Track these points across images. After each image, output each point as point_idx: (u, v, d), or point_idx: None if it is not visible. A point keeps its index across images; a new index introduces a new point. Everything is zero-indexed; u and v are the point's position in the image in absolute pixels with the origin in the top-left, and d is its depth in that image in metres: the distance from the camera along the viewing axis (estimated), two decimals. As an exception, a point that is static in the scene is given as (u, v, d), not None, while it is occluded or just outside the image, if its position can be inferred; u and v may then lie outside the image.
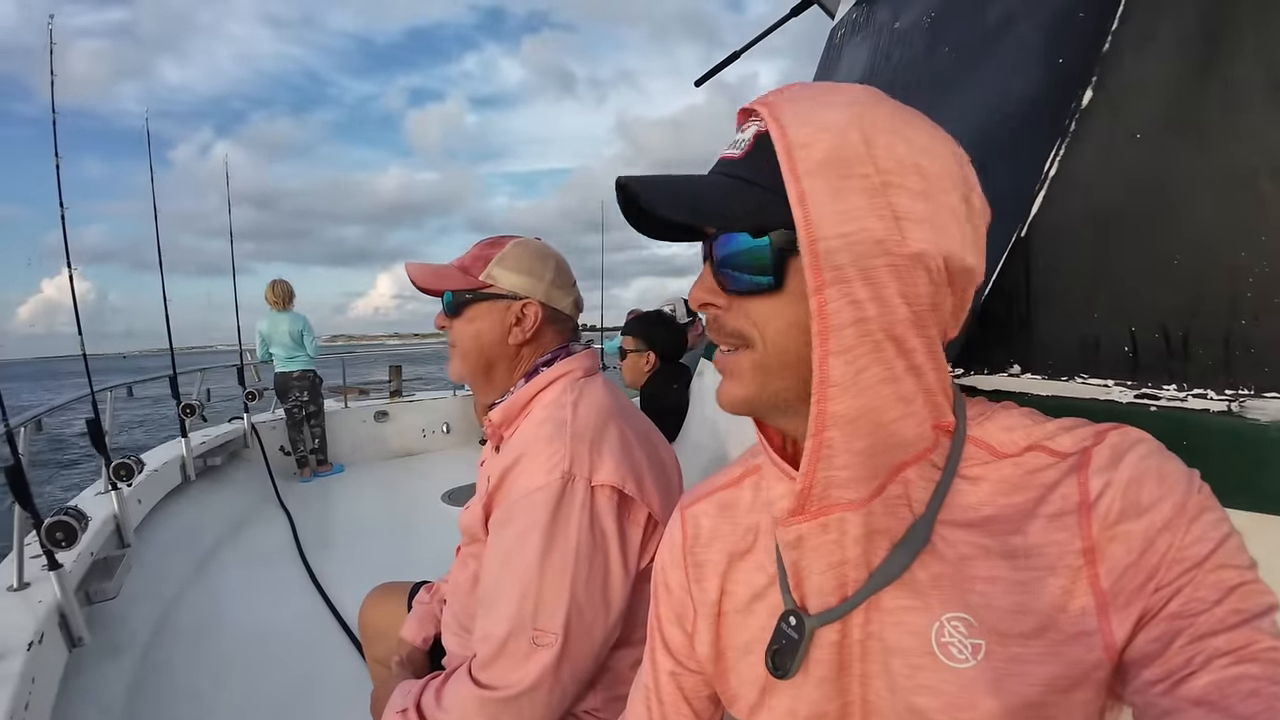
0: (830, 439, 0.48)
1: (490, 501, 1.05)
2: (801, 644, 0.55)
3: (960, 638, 0.49)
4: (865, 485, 0.50)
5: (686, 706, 0.71)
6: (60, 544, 1.90)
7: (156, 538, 2.99)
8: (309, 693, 2.11)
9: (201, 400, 4.06)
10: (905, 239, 0.46)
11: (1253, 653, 0.39)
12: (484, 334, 1.14)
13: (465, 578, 1.14)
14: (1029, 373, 0.68)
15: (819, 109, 0.48)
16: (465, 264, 1.15)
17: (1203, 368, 0.59)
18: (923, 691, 0.50)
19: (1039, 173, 0.69)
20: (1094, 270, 0.65)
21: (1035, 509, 0.48)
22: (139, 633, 2.39)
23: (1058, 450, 0.49)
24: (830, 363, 0.47)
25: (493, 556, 1.01)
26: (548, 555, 0.94)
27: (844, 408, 0.47)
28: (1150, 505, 0.44)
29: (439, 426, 5.81)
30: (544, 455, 0.98)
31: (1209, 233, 0.60)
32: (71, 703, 1.79)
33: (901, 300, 0.47)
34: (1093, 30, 0.68)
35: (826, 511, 0.51)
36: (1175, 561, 0.43)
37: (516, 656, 0.94)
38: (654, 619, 0.73)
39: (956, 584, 0.50)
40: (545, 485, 0.95)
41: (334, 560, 3.21)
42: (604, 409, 1.08)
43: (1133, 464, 0.46)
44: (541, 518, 0.94)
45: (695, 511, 0.70)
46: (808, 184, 0.46)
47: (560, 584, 0.94)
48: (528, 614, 0.94)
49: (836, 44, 1.53)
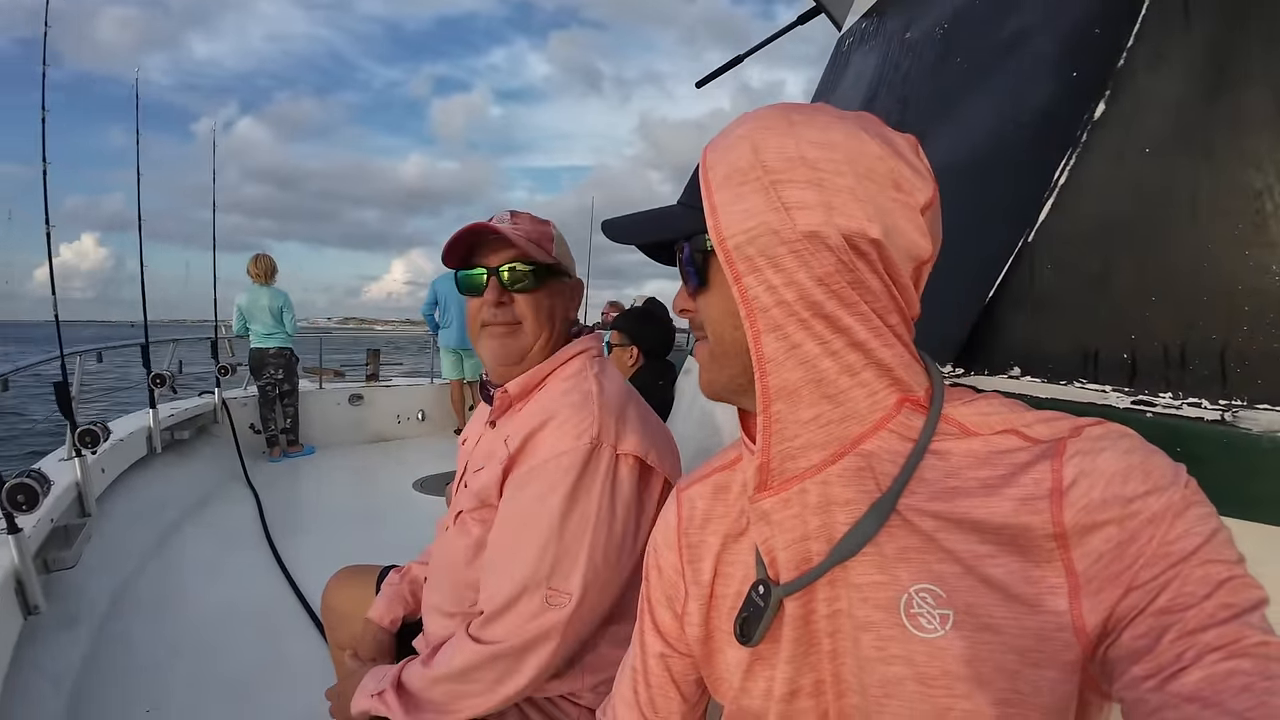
0: (777, 412, 0.53)
1: (511, 463, 1.04)
2: (767, 612, 0.57)
3: (929, 608, 0.50)
4: (817, 453, 0.53)
5: (674, 689, 0.71)
6: (21, 507, 1.85)
7: (118, 509, 2.92)
8: (267, 674, 2.07)
9: (173, 371, 3.97)
10: (795, 224, 0.51)
11: (1243, 648, 0.39)
12: (557, 310, 1.14)
13: (465, 544, 1.11)
14: (1029, 375, 0.69)
15: (725, 135, 0.56)
16: (535, 238, 1.12)
17: (1198, 378, 0.61)
18: (894, 662, 0.51)
19: (1049, 181, 0.70)
20: (1097, 278, 0.66)
21: (1003, 487, 0.49)
22: (96, 604, 2.33)
23: (1032, 436, 0.50)
24: (763, 340, 0.52)
25: (509, 516, 1.02)
26: (569, 516, 0.95)
27: (783, 381, 0.52)
28: (1135, 497, 0.45)
29: (414, 413, 5.75)
30: (573, 421, 1.00)
31: (1210, 248, 0.62)
32: (24, 671, 1.74)
33: (814, 281, 0.51)
34: (1108, 46, 0.70)
35: (787, 485, 0.54)
36: (1162, 556, 0.43)
37: (525, 614, 0.95)
38: (644, 601, 0.74)
39: (924, 556, 0.51)
40: (572, 449, 0.97)
41: (300, 543, 3.15)
42: (622, 385, 1.12)
43: (1117, 456, 0.47)
44: (567, 480, 0.96)
45: (691, 494, 0.70)
46: (717, 197, 0.54)
47: (579, 545, 0.95)
48: (544, 572, 0.94)
49: (844, 53, 1.55)
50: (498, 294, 1.09)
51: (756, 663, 0.60)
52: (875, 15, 1.41)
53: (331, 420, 5.38)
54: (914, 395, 0.53)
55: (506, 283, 1.10)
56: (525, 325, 1.11)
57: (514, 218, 1.14)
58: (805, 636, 0.56)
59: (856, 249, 0.51)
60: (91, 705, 1.86)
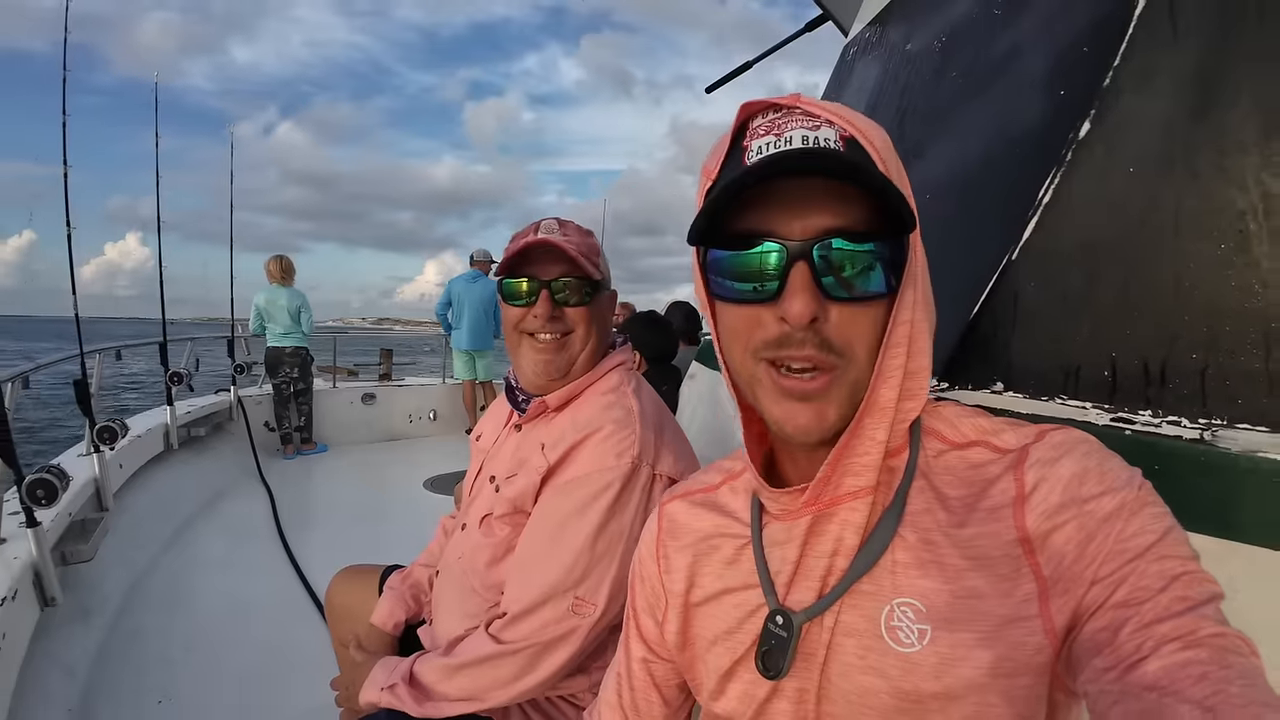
0: (865, 425, 0.52)
1: (550, 473, 1.04)
2: (791, 641, 0.56)
3: (908, 622, 0.51)
4: (872, 474, 0.53)
5: (655, 693, 0.72)
6: (41, 501, 1.90)
7: (135, 503, 2.97)
8: (278, 668, 2.11)
9: (190, 370, 4.04)
10: (917, 223, 0.50)
11: (1199, 638, 0.40)
12: (605, 322, 1.15)
13: (490, 545, 1.10)
14: (1011, 391, 0.70)
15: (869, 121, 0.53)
16: (585, 251, 1.09)
17: (1178, 396, 0.62)
18: (870, 673, 0.52)
19: (1033, 199, 0.71)
20: (1079, 296, 0.67)
21: (977, 502, 0.50)
22: (111, 597, 2.38)
23: (1000, 446, 0.52)
24: (889, 354, 0.51)
25: (544, 523, 1.03)
26: (604, 529, 0.97)
27: (882, 396, 0.51)
28: (1091, 498, 0.46)
29: (426, 413, 5.80)
30: (616, 438, 1.01)
31: (1192, 267, 0.63)
32: (40, 661, 1.78)
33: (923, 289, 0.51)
34: (1095, 65, 0.71)
35: (838, 501, 0.54)
36: (1118, 553, 0.44)
37: (549, 618, 0.97)
38: (630, 608, 0.75)
39: (910, 570, 0.52)
40: (615, 466, 0.99)
41: (312, 539, 3.20)
42: (658, 402, 1.13)
43: (1075, 460, 0.48)
44: (607, 495, 0.98)
45: (671, 508, 0.72)
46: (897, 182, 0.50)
47: (610, 559, 0.97)
48: (573, 580, 0.97)
49: (848, 61, 1.55)
50: (549, 308, 1.07)
51: (737, 666, 0.61)
52: (879, 24, 1.42)
53: (344, 419, 5.44)
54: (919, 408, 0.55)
55: (559, 297, 1.08)
56: (574, 338, 1.10)
57: (563, 227, 1.11)
58: (802, 648, 0.57)
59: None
60: (105, 695, 1.91)
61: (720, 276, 0.53)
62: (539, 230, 1.09)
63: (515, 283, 1.10)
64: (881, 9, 1.42)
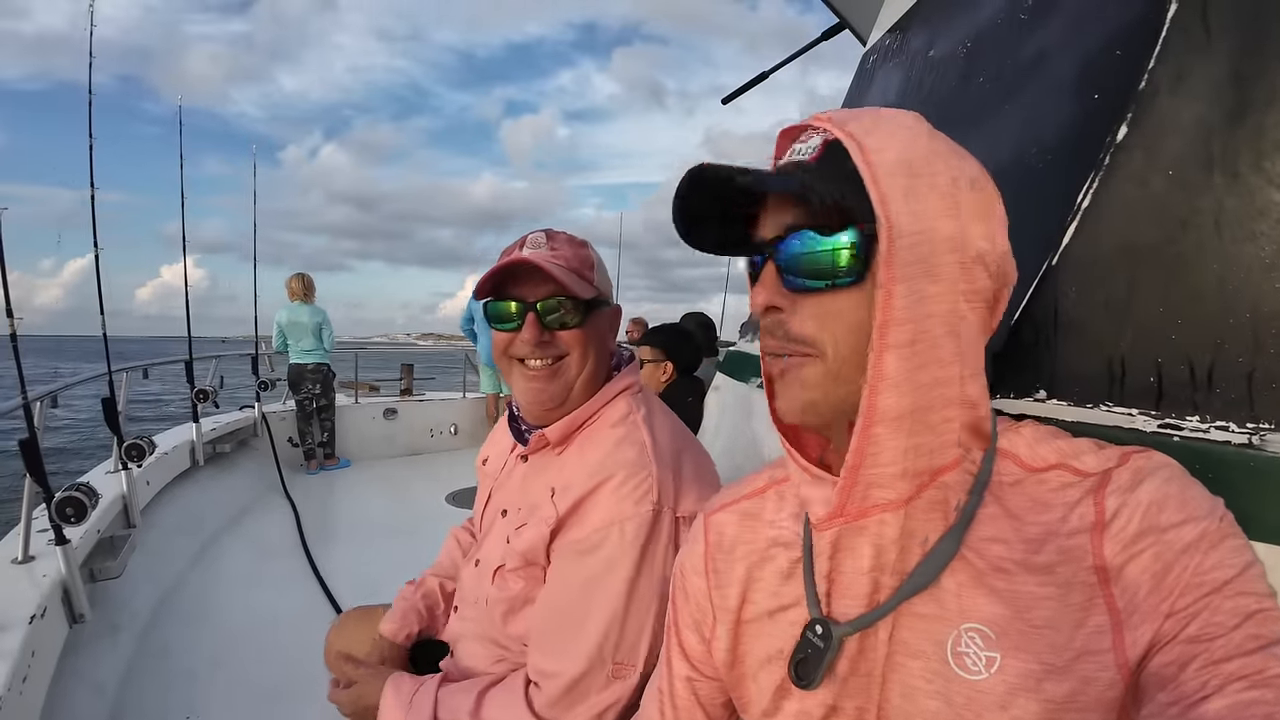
0: (876, 435, 0.49)
1: (561, 524, 0.96)
2: (828, 654, 0.55)
3: (976, 649, 0.50)
4: (906, 485, 0.51)
5: (700, 712, 0.71)
6: (70, 519, 1.93)
7: (162, 520, 3.01)
8: (304, 682, 2.11)
9: (215, 387, 4.10)
10: (969, 238, 0.49)
11: (1267, 678, 0.39)
12: (604, 343, 1.06)
13: (504, 599, 1.03)
14: (1055, 398, 0.69)
15: (882, 120, 0.51)
16: (576, 267, 1.01)
17: (1225, 401, 0.60)
18: (936, 698, 0.51)
19: (1071, 204, 0.70)
20: (1122, 301, 0.66)
21: (1057, 527, 0.49)
22: (139, 613, 2.40)
23: (1081, 470, 0.50)
24: (886, 357, 0.48)
25: (567, 584, 0.95)
26: (635, 587, 0.90)
27: (893, 403, 0.49)
28: (1170, 527, 0.45)
29: (447, 427, 5.83)
30: (631, 484, 0.93)
31: (1235, 270, 0.61)
32: (68, 678, 1.80)
33: (964, 299, 0.49)
34: (1129, 68, 0.70)
35: (865, 514, 0.51)
36: (1194, 586, 0.43)
37: (590, 693, 0.90)
38: (671, 624, 0.74)
39: (978, 595, 0.51)
40: (634, 516, 0.91)
41: (336, 553, 3.22)
42: (671, 427, 1.05)
43: (1155, 487, 0.47)
44: (632, 552, 0.90)
45: (719, 519, 0.70)
46: (885, 185, 0.48)
47: (645, 617, 0.91)
48: (610, 649, 0.90)
49: (868, 69, 1.55)
50: (537, 332, 0.99)
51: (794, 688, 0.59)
52: (899, 31, 1.42)
53: (367, 434, 5.49)
54: (984, 428, 0.53)
55: (546, 320, 0.99)
56: (569, 363, 1.01)
57: (550, 240, 1.03)
58: (857, 665, 0.56)
59: (1003, 272, 0.52)
60: (133, 711, 1.92)
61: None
62: (524, 246, 1.01)
63: (501, 305, 1.01)
64: (901, 16, 1.42)
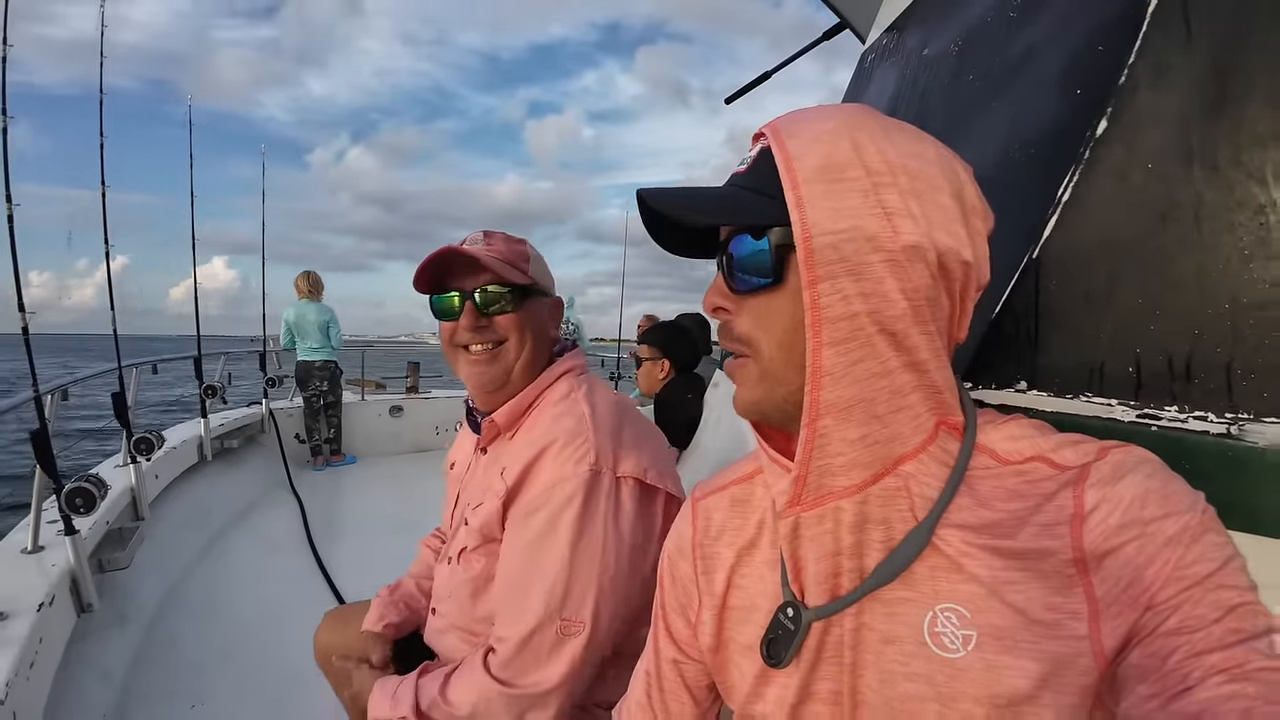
0: (824, 427, 0.51)
1: (510, 496, 1.03)
2: (797, 635, 0.57)
3: (952, 628, 0.51)
4: (859, 473, 0.52)
5: (686, 694, 0.72)
6: (79, 510, 1.96)
7: (170, 513, 3.04)
8: (308, 675, 2.13)
9: (223, 383, 4.15)
10: (898, 233, 0.49)
11: (1247, 671, 0.40)
12: (537, 329, 1.12)
13: (469, 579, 1.09)
14: (1035, 389, 0.70)
15: (812, 125, 0.52)
16: (510, 259, 1.09)
17: (1204, 391, 0.61)
18: (914, 679, 0.52)
19: (1053, 197, 0.71)
20: (1102, 293, 0.67)
21: (1030, 516, 0.50)
22: (146, 605, 2.44)
23: (1060, 463, 0.51)
24: (823, 353, 0.50)
25: (516, 550, 1.00)
26: (576, 545, 0.95)
27: (836, 396, 0.50)
28: (1152, 521, 0.46)
29: (452, 424, 5.86)
30: (570, 449, 0.99)
31: (1214, 262, 0.62)
32: (75, 666, 1.82)
33: (900, 294, 0.50)
34: (1110, 63, 0.70)
35: (821, 501, 0.53)
36: (1176, 579, 0.44)
37: (542, 651, 0.94)
38: (658, 607, 0.75)
39: (952, 577, 0.51)
40: (573, 477, 0.96)
41: (341, 549, 3.25)
42: (613, 401, 1.11)
43: (1138, 481, 0.47)
44: (571, 510, 0.95)
45: (707, 504, 0.71)
46: (805, 189, 0.50)
47: (589, 573, 0.95)
48: (555, 604, 0.94)
49: (866, 68, 1.56)
50: (474, 318, 1.07)
51: (772, 673, 0.60)
52: (896, 31, 1.43)
53: (373, 431, 5.52)
54: (952, 419, 0.54)
55: (481, 306, 1.07)
56: (508, 347, 1.09)
57: (487, 238, 1.12)
58: (826, 649, 0.57)
59: (945, 268, 0.51)
60: (140, 700, 1.95)
61: None
62: (464, 244, 1.10)
63: (443, 299, 1.10)
64: (898, 15, 1.43)
